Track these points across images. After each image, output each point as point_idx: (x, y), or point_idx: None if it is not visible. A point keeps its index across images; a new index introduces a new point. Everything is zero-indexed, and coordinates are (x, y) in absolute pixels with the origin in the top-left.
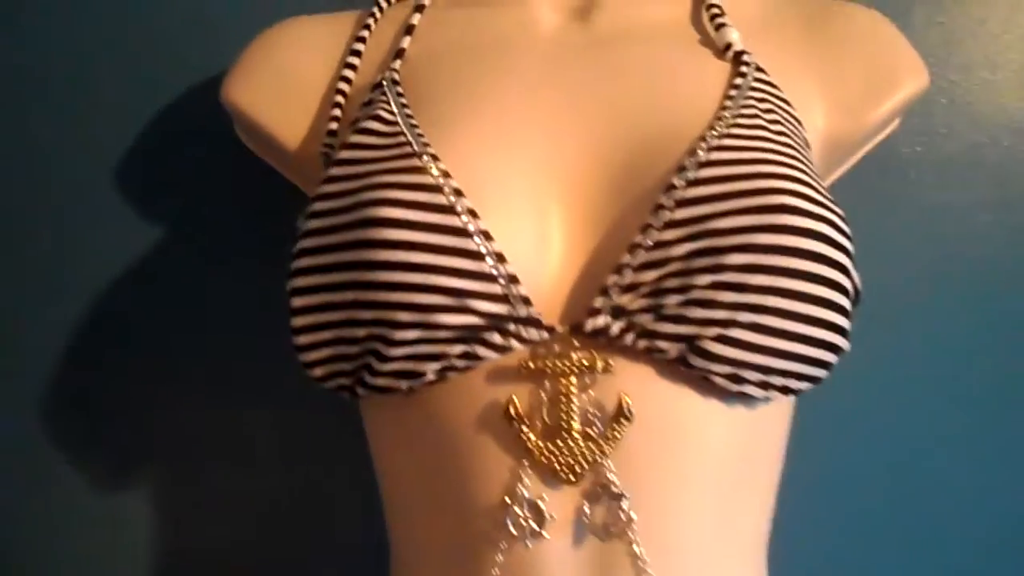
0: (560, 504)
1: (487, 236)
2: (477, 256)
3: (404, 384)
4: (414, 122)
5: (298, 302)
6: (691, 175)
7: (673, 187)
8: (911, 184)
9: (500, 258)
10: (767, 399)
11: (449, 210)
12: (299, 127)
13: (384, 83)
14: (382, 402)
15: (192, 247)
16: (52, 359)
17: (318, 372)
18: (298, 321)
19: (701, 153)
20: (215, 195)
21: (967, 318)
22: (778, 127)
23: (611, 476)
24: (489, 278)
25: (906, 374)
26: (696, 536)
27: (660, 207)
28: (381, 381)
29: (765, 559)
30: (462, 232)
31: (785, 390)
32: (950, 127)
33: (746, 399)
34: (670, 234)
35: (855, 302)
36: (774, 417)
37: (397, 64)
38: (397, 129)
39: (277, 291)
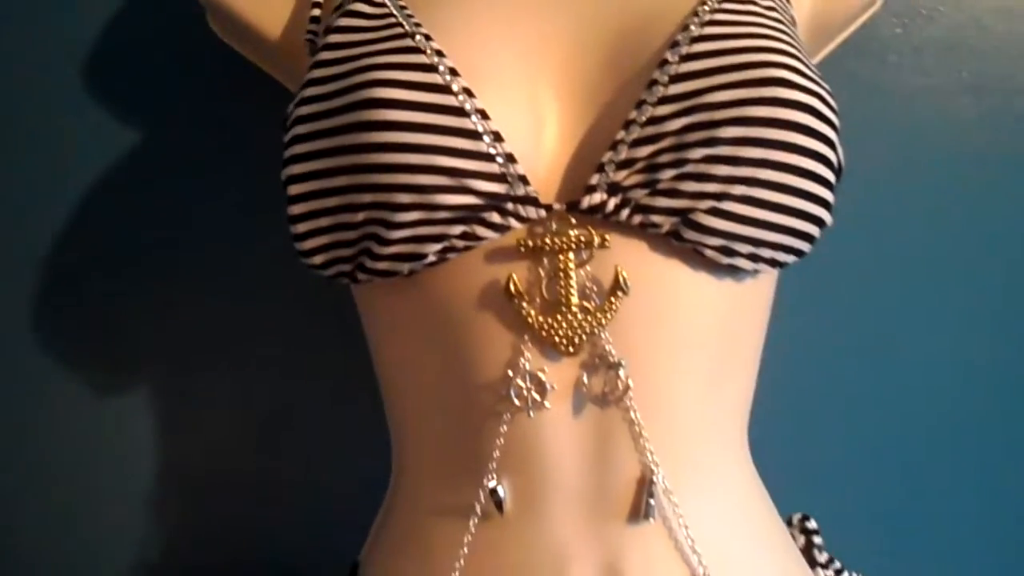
0: (560, 375)
1: (484, 115)
2: (474, 135)
3: (405, 267)
4: (402, 3)
5: (294, 189)
6: (684, 50)
7: (666, 62)
8: (890, 67)
9: (497, 137)
10: (755, 272)
11: (445, 89)
12: (279, 15)
13: None
14: (381, 288)
15: (184, 146)
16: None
17: (317, 260)
18: (295, 209)
19: (694, 28)
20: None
21: (945, 203)
22: (768, 3)
23: (608, 347)
24: (487, 157)
25: (880, 255)
26: (687, 402)
27: (654, 82)
28: (382, 265)
29: (746, 431)
30: (459, 111)
31: (772, 263)
32: (931, 8)
33: (734, 272)
34: (664, 109)
35: (838, 178)
36: (758, 292)
37: None
38: (386, 11)
39: (272, 188)
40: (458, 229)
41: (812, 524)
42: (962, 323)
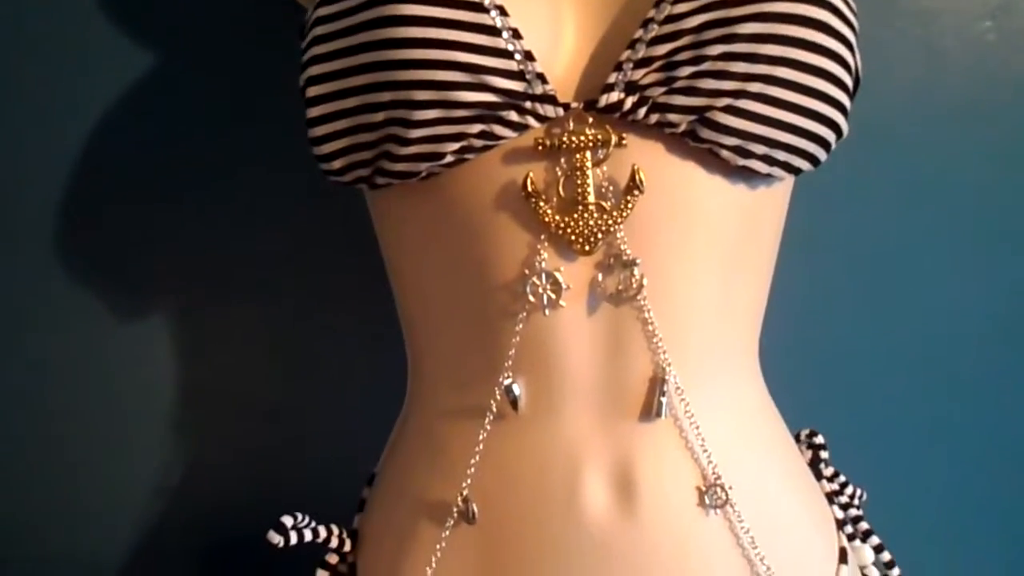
0: (575, 274)
1: (503, 11)
2: (493, 31)
3: (423, 167)
4: None
5: (312, 91)
6: None
7: None
8: None
9: (516, 34)
10: (769, 177)
11: None
12: None
13: None
14: (398, 193)
15: (190, 64)
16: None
17: (336, 164)
18: (313, 111)
19: None
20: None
21: (960, 128)
22: None
23: (623, 246)
24: (505, 54)
25: (893, 181)
26: (699, 304)
27: None
28: (400, 166)
29: (757, 344)
30: (478, 7)
31: (787, 167)
32: None
33: (749, 178)
34: (682, 7)
35: (855, 87)
36: (772, 202)
37: None
38: None
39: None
40: (476, 128)
41: (819, 439)
42: (974, 241)
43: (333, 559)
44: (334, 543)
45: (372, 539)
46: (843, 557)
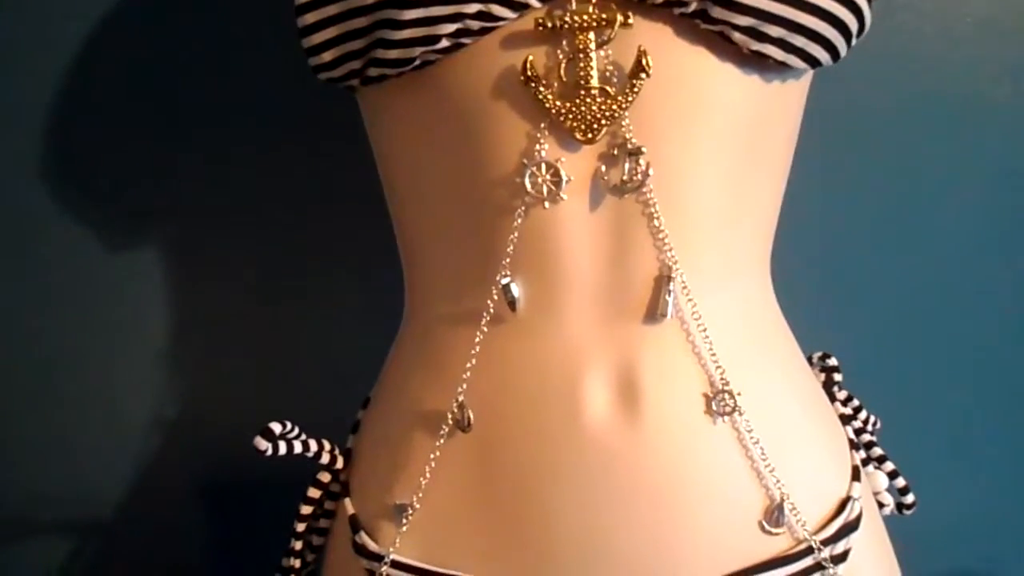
0: (577, 166)
1: None
2: None
3: (418, 51)
4: None
5: None
6: None
7: None
8: None
9: None
10: (784, 69)
11: None
12: None
13: None
14: (392, 90)
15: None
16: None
17: (327, 57)
18: None
19: None
20: None
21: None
22: None
23: (628, 134)
24: None
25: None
26: (707, 200)
27: None
28: (394, 53)
29: (769, 260)
30: None
31: (804, 55)
32: None
33: (763, 67)
34: None
35: None
36: (787, 99)
37: None
38: None
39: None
40: (473, 8)
41: (832, 361)
42: (999, 167)
43: (325, 477)
44: (325, 459)
45: (365, 455)
46: (856, 475)
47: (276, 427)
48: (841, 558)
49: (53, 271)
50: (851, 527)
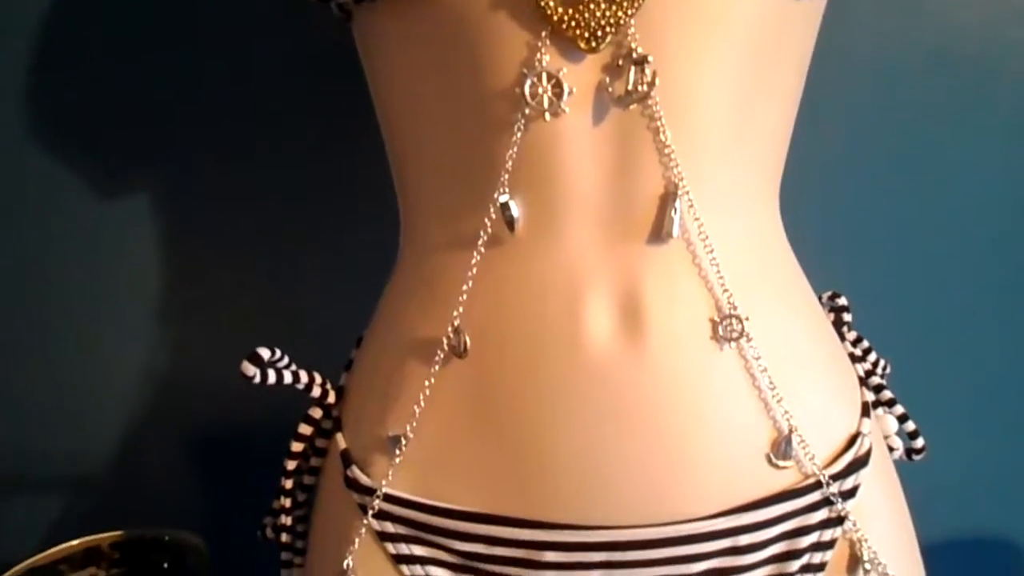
0: (580, 77)
1: None
2: None
3: None
4: None
5: None
6: None
7: None
8: None
9: None
10: None
11: None
12: None
13: None
14: (385, 6)
15: None
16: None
17: None
18: None
19: None
20: None
21: None
22: None
23: (633, 43)
24: None
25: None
26: (716, 114)
27: None
28: None
29: (778, 190)
30: None
31: None
32: None
33: None
34: None
35: None
36: (801, 16)
37: None
38: None
39: None
40: None
41: (842, 301)
42: (1013, 102)
43: (317, 413)
44: (316, 392)
45: (358, 389)
46: (866, 411)
47: (264, 352)
48: (850, 494)
49: (44, 222)
50: (861, 463)
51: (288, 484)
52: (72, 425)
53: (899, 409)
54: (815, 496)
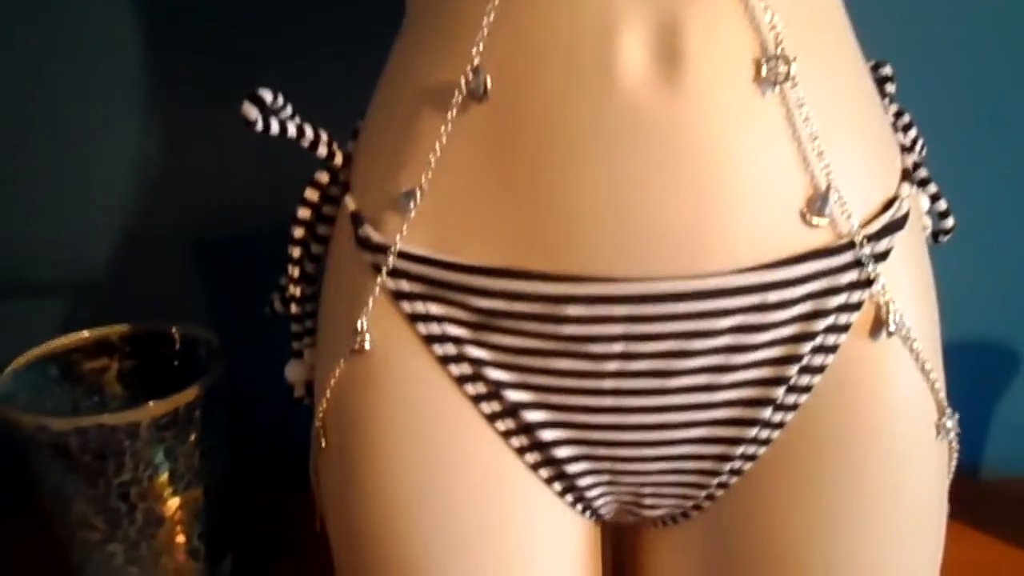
0: None
1: None
2: None
3: None
4: None
5: None
6: None
7: None
8: None
9: None
10: None
11: None
12: None
13: None
14: None
15: None
16: None
17: None
18: None
19: None
20: None
21: None
22: None
23: None
24: None
25: None
26: None
27: None
28: None
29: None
30: None
31: None
32: None
33: None
34: None
35: None
36: None
37: None
38: None
39: None
40: None
41: (887, 70)
42: None
43: (324, 177)
44: (323, 151)
45: (367, 149)
46: (906, 176)
47: (267, 95)
48: (882, 257)
49: (44, 23)
50: (897, 225)
51: (296, 252)
52: (70, 229)
53: (933, 188)
54: (847, 257)
